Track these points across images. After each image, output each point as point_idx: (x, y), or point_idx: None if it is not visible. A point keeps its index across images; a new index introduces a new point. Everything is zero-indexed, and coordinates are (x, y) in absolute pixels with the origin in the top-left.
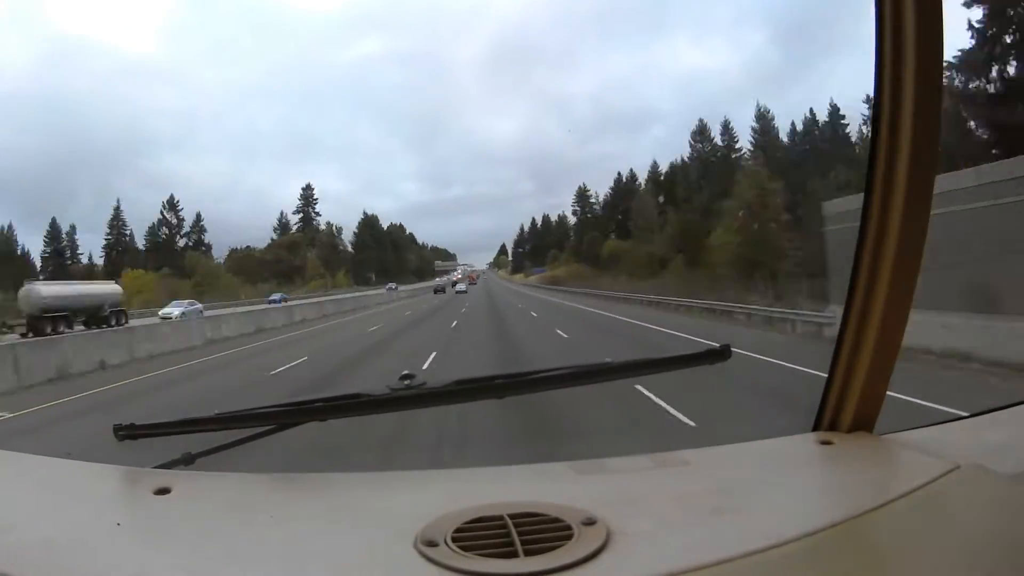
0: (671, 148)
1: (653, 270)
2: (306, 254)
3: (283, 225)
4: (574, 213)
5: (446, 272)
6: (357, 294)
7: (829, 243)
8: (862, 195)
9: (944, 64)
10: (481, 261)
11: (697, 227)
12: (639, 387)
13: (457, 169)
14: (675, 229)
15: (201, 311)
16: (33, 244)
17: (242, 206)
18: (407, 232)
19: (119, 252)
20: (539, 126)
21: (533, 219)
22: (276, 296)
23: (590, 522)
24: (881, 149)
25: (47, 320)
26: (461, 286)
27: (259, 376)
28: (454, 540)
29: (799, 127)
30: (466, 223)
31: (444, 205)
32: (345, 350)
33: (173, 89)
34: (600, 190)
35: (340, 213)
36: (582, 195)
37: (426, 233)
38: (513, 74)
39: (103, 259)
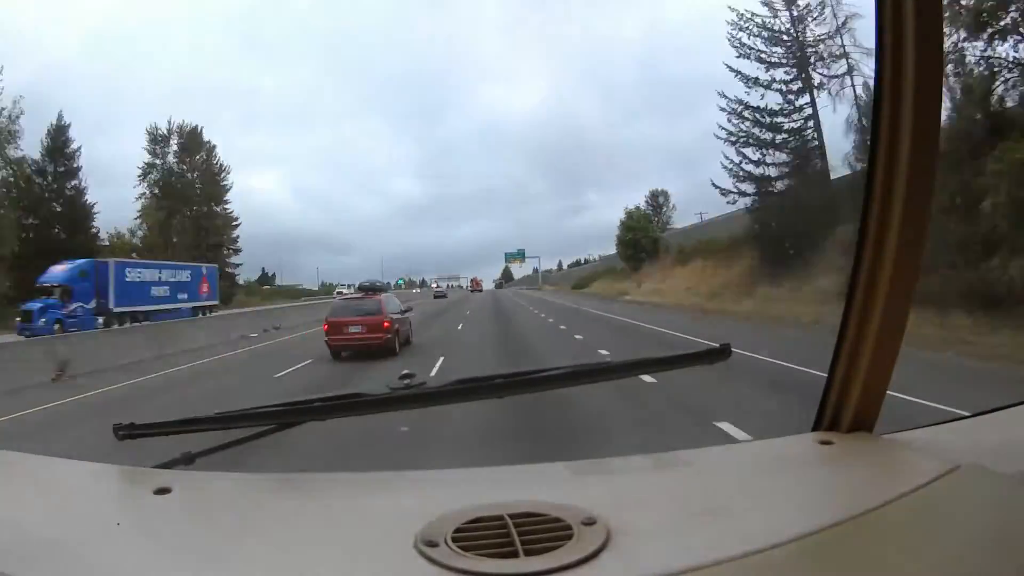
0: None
1: None
2: None
3: None
4: None
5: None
6: None
7: None
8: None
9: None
10: (487, 276)
11: None
12: None
13: (460, 162)
14: None
15: None
16: None
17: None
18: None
19: None
20: (566, 99)
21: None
22: None
23: (590, 522)
24: (881, 148)
25: None
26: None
27: None
28: (454, 540)
29: None
30: (469, 230)
31: (444, 208)
32: None
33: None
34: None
35: (317, 213)
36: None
37: (422, 241)
38: (539, 17)
39: None
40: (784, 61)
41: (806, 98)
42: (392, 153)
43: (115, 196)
